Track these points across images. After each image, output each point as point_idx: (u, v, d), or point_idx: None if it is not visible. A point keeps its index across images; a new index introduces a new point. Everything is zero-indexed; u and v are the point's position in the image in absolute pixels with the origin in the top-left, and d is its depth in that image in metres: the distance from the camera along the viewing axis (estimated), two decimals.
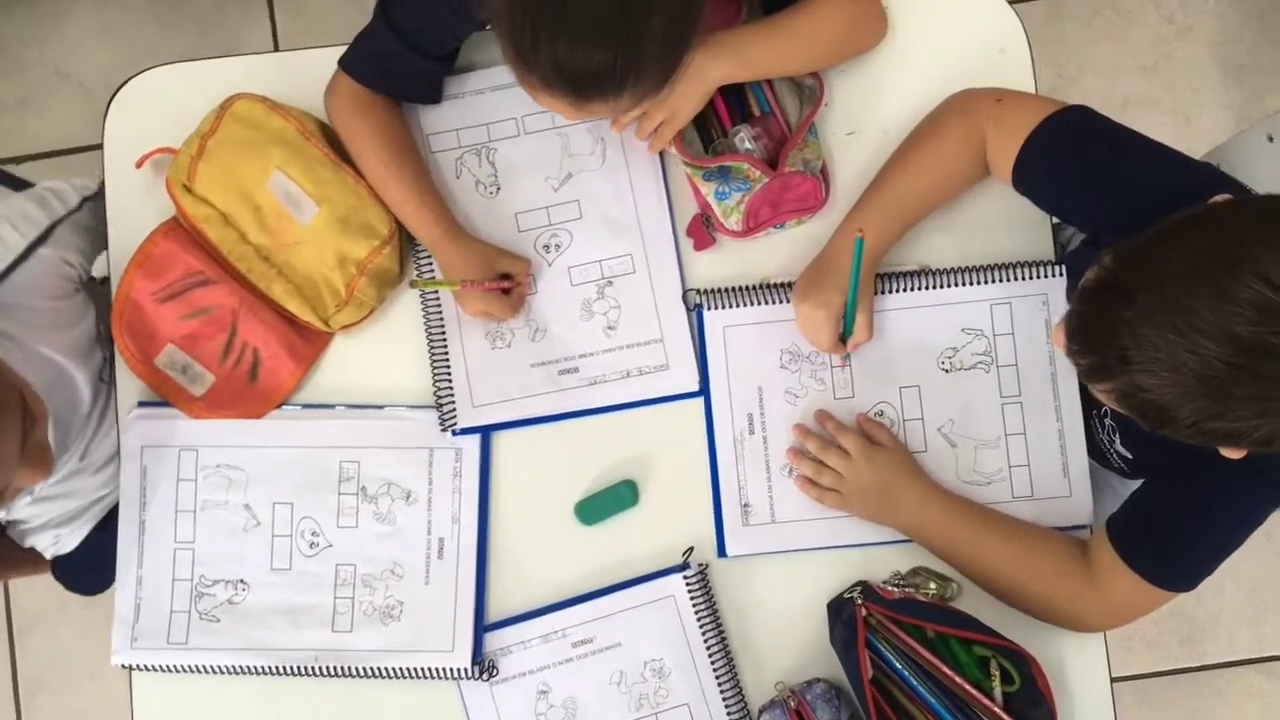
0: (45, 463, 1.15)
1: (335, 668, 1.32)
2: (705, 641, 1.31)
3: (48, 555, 1.61)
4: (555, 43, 1.03)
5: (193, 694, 1.36)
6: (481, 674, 1.31)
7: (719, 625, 1.32)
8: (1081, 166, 1.20)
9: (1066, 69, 2.36)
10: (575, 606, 1.33)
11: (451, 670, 1.32)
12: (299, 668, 1.32)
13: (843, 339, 1.31)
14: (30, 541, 1.57)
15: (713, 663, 1.31)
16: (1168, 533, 1.20)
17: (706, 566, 1.33)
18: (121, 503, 1.37)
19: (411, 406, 1.37)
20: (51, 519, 1.54)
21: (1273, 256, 0.88)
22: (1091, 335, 0.98)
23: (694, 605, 1.31)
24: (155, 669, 1.35)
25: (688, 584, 1.32)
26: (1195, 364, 0.90)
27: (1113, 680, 1.33)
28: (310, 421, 1.37)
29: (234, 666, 1.33)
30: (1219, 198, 0.98)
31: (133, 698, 1.36)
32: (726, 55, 1.27)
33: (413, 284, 1.32)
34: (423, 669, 1.32)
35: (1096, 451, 1.33)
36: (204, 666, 1.33)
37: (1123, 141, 1.20)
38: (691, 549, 1.33)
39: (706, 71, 1.27)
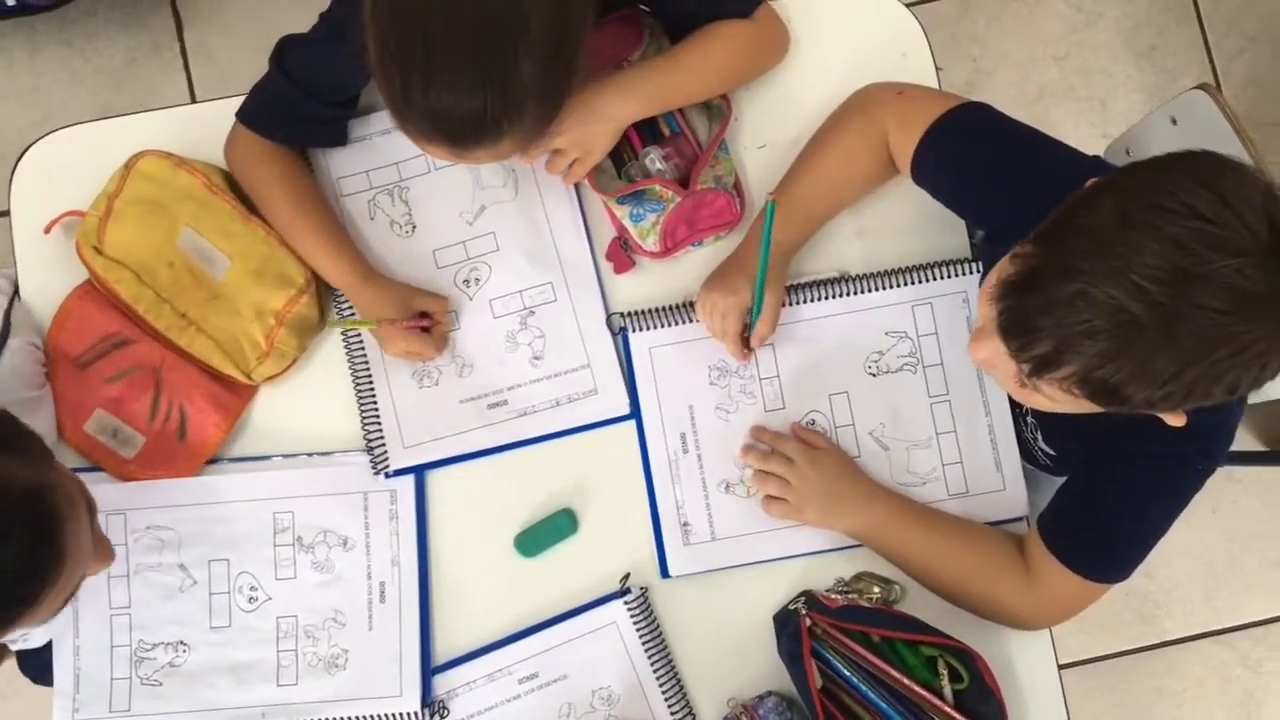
0: (109, 551, 1.14)
1: None
2: (652, 664, 1.31)
3: (13, 648, 1.57)
4: (426, 93, 1.05)
5: None
6: (432, 717, 1.30)
7: (664, 647, 1.32)
8: (976, 161, 1.22)
9: (981, 63, 2.39)
10: (518, 642, 1.32)
11: (401, 715, 1.30)
12: None
13: (746, 342, 1.31)
14: None
15: (661, 685, 1.31)
16: (1095, 526, 1.21)
17: (646, 590, 1.33)
18: None
19: (343, 452, 1.35)
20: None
21: (1191, 188, 0.89)
22: (1032, 325, 0.95)
23: (637, 629, 1.31)
24: None
25: (629, 609, 1.31)
26: (1143, 310, 0.89)
27: (1060, 667, 1.34)
28: (241, 474, 1.35)
29: None
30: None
31: None
32: (634, 94, 1.29)
33: (330, 323, 1.31)
34: (372, 716, 1.30)
35: (1024, 450, 1.34)
36: None
37: (1016, 136, 1.21)
38: (629, 574, 1.32)
39: (616, 111, 1.28)
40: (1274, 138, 2.33)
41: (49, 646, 1.50)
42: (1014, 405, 1.33)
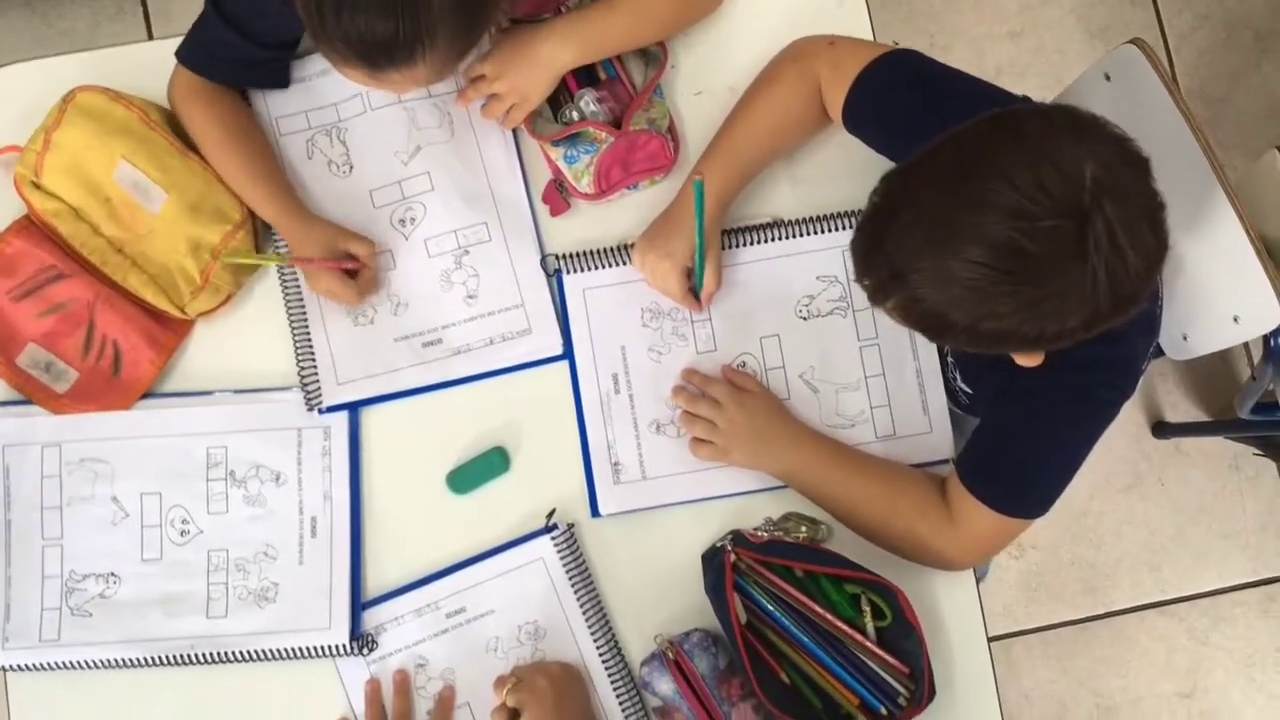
0: None
1: (212, 654, 1.31)
2: (579, 600, 1.32)
3: None
4: (339, 15, 1.07)
5: (69, 692, 1.34)
6: (361, 649, 1.31)
7: (590, 583, 1.33)
8: (906, 107, 1.23)
9: (938, 39, 2.41)
10: (446, 578, 1.33)
11: (330, 648, 1.31)
12: (175, 656, 1.31)
13: (695, 293, 1.33)
14: None
15: (588, 621, 1.32)
16: (1009, 462, 1.23)
17: (573, 526, 1.34)
18: None
19: (278, 389, 1.36)
20: None
21: (1013, 158, 0.93)
22: (867, 258, 1.02)
23: (564, 565, 1.32)
24: (29, 668, 1.32)
25: (555, 544, 1.32)
26: (958, 269, 0.94)
27: (1009, 636, 1.36)
28: (175, 409, 1.36)
29: (109, 660, 1.32)
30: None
31: (8, 699, 1.34)
32: (572, 40, 1.31)
33: (225, 255, 1.32)
34: (300, 648, 1.31)
35: (947, 391, 1.36)
36: (79, 662, 1.32)
37: (945, 81, 1.23)
38: (554, 510, 1.33)
39: (554, 57, 1.30)
40: (1223, 113, 2.37)
41: None
42: (939, 347, 1.35)
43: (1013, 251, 0.92)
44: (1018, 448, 1.21)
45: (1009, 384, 1.18)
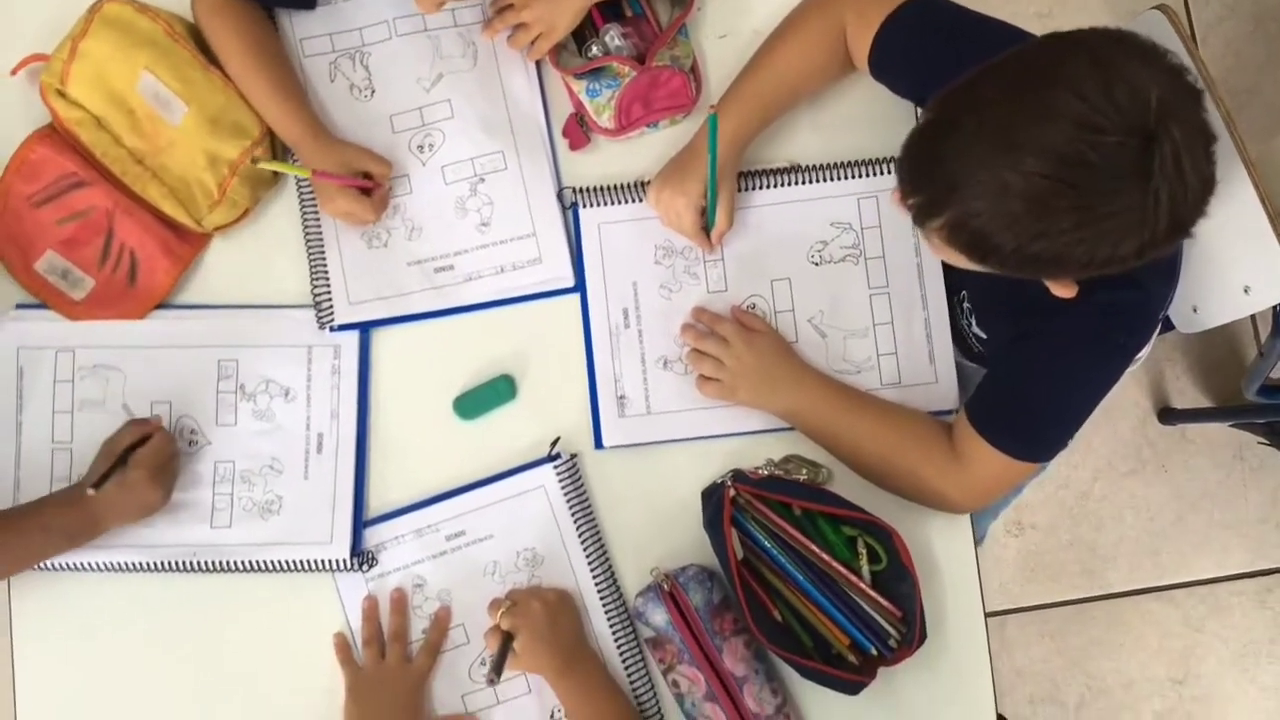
0: None
1: (214, 562, 1.32)
2: (578, 530, 1.32)
3: None
4: None
5: (71, 593, 1.35)
6: (361, 565, 1.32)
7: (590, 513, 1.34)
8: (933, 51, 1.23)
9: None
10: (447, 500, 1.34)
11: (331, 562, 1.32)
12: (177, 563, 1.32)
13: (707, 232, 1.33)
14: None
15: (585, 551, 1.32)
16: (1019, 405, 1.23)
17: (576, 456, 1.35)
18: None
19: (290, 306, 1.37)
20: None
21: (1082, 71, 0.92)
22: (920, 171, 1.02)
23: (564, 494, 1.33)
24: (37, 568, 1.33)
25: (557, 473, 1.33)
26: (1018, 181, 0.93)
27: (1005, 613, 1.36)
28: (188, 321, 1.37)
29: (113, 564, 1.33)
30: None
31: (10, 600, 1.35)
32: None
33: (258, 161, 1.32)
34: (301, 561, 1.32)
35: (959, 340, 1.36)
36: (83, 564, 1.33)
37: (971, 25, 1.23)
38: (558, 439, 1.34)
39: None
40: (1248, 105, 2.36)
41: None
42: (951, 293, 1.35)
43: (1078, 163, 0.91)
44: (1029, 391, 1.22)
45: (1027, 329, 1.18)
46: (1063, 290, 1.05)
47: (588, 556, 1.32)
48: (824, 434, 1.32)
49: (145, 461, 1.27)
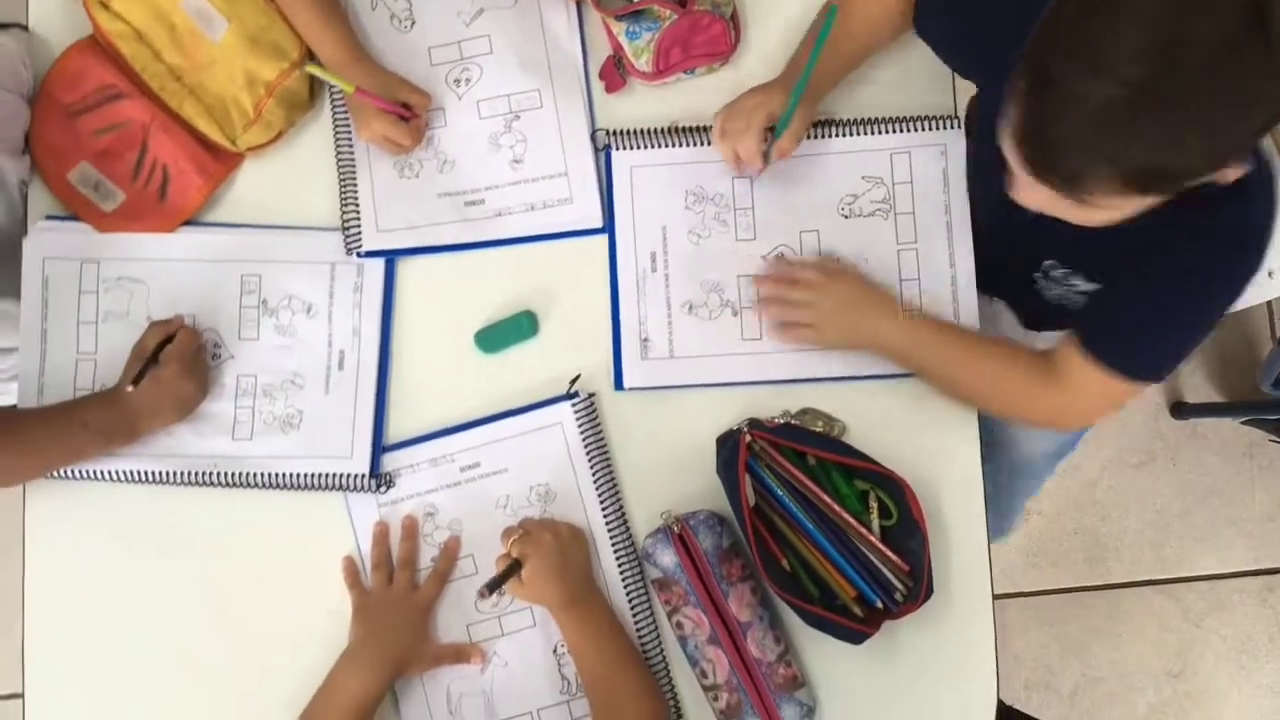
0: None
1: (234, 474, 1.33)
2: (591, 468, 1.33)
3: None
4: None
5: (85, 502, 1.36)
6: (379, 486, 1.33)
7: (605, 453, 1.34)
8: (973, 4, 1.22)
9: None
10: (464, 432, 1.34)
11: (349, 478, 1.33)
12: (199, 475, 1.33)
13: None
14: None
15: (598, 489, 1.33)
16: (1131, 323, 1.20)
17: (594, 395, 1.36)
18: (23, 313, 1.37)
19: (316, 228, 1.38)
20: (3, 371, 1.54)
21: None
22: (1042, 152, 0.97)
23: (581, 432, 1.33)
24: (55, 476, 1.35)
25: (575, 412, 1.34)
26: (1131, 93, 0.89)
27: (1005, 596, 1.37)
28: (213, 236, 1.38)
29: (133, 473, 1.33)
30: None
31: (24, 506, 1.36)
32: None
33: (309, 67, 1.33)
34: (320, 475, 1.33)
35: (1048, 312, 1.35)
36: (106, 473, 1.33)
37: None
38: (578, 377, 1.35)
39: None
40: None
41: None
42: (1032, 269, 1.33)
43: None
44: (1144, 311, 1.18)
45: (1135, 260, 1.15)
46: (1231, 173, 1.00)
47: (600, 495, 1.33)
48: (924, 363, 1.31)
49: (175, 355, 1.28)
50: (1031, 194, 1.03)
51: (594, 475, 1.33)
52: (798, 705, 1.27)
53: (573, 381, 1.35)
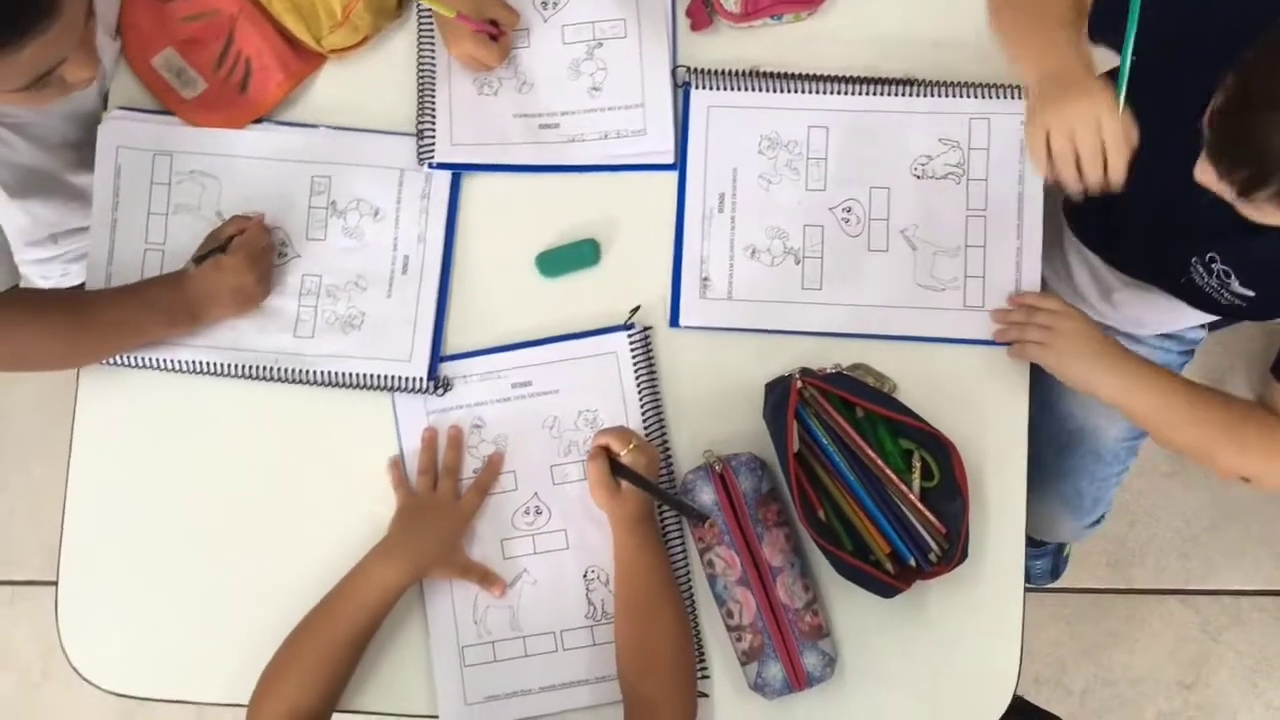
0: (93, 59, 1.12)
1: (293, 370, 1.35)
2: (640, 400, 1.34)
3: (48, 285, 1.62)
4: None
5: (136, 390, 1.38)
6: (436, 389, 1.34)
7: (655, 386, 1.35)
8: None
9: None
10: (519, 350, 1.35)
11: (407, 380, 1.34)
12: (259, 368, 1.35)
13: None
14: (39, 272, 1.58)
15: (644, 421, 1.34)
16: None
17: (651, 329, 1.36)
18: (95, 201, 1.39)
19: (388, 132, 1.39)
20: (71, 250, 1.56)
21: None
22: (1233, 151, 0.98)
23: (635, 364, 1.34)
24: (122, 364, 1.36)
25: (631, 343, 1.34)
26: None
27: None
28: (286, 135, 1.39)
29: (196, 364, 1.35)
30: None
31: (77, 389, 1.38)
32: None
33: None
34: (378, 376, 1.34)
35: (1203, 299, 1.33)
36: (168, 362, 1.35)
37: None
38: (638, 308, 1.35)
39: None
40: None
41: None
42: (1192, 255, 1.30)
43: None
44: None
45: None
46: None
47: (646, 427, 1.34)
48: (1143, 418, 1.30)
49: (242, 245, 1.30)
50: (1206, 174, 1.03)
51: (642, 407, 1.34)
52: (820, 654, 1.28)
53: (633, 312, 1.35)
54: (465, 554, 1.32)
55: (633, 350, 1.34)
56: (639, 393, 1.34)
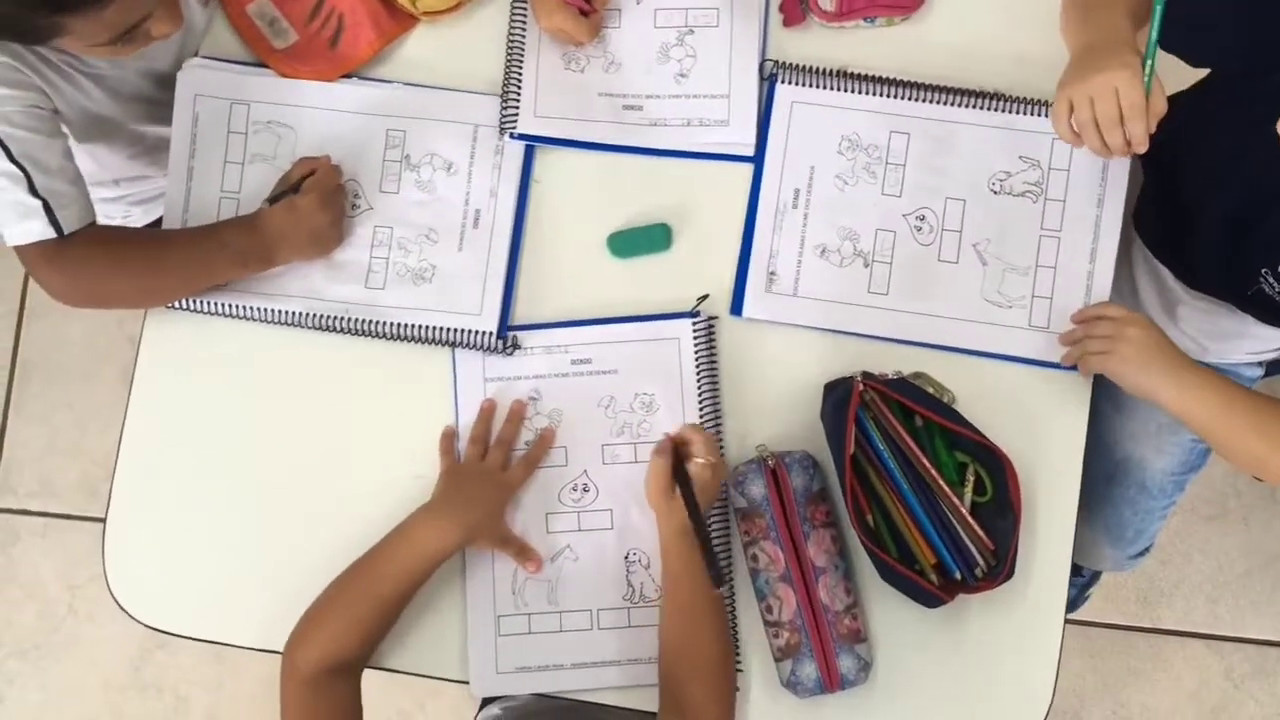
0: (176, 14, 1.17)
1: (364, 322, 1.35)
2: (699, 388, 1.34)
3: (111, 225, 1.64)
4: None
5: (199, 340, 1.39)
6: (505, 347, 1.35)
7: (714, 376, 1.35)
8: None
9: None
10: (582, 327, 1.36)
11: (477, 334, 1.35)
12: (328, 318, 1.36)
13: None
14: (102, 211, 1.59)
15: (700, 410, 1.34)
16: None
17: (716, 319, 1.36)
18: (172, 149, 1.40)
19: (465, 90, 1.40)
20: (131, 194, 1.58)
21: None
22: None
23: (696, 352, 1.34)
24: (186, 308, 1.38)
25: (695, 330, 1.34)
26: None
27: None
28: (364, 89, 1.40)
29: (268, 311, 1.36)
30: None
31: (143, 334, 1.40)
32: None
33: None
34: (449, 329, 1.35)
35: (1272, 312, 1.33)
36: (236, 308, 1.36)
37: None
38: (706, 296, 1.36)
39: None
40: None
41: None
42: (1261, 266, 1.28)
43: None
44: None
45: None
46: None
47: (702, 416, 1.34)
48: (1204, 429, 1.28)
49: (315, 185, 1.31)
50: None
51: (700, 396, 1.34)
52: (855, 658, 1.27)
53: (700, 300, 1.35)
54: (506, 526, 1.33)
55: (695, 339, 1.35)
56: (698, 381, 1.34)
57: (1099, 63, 1.14)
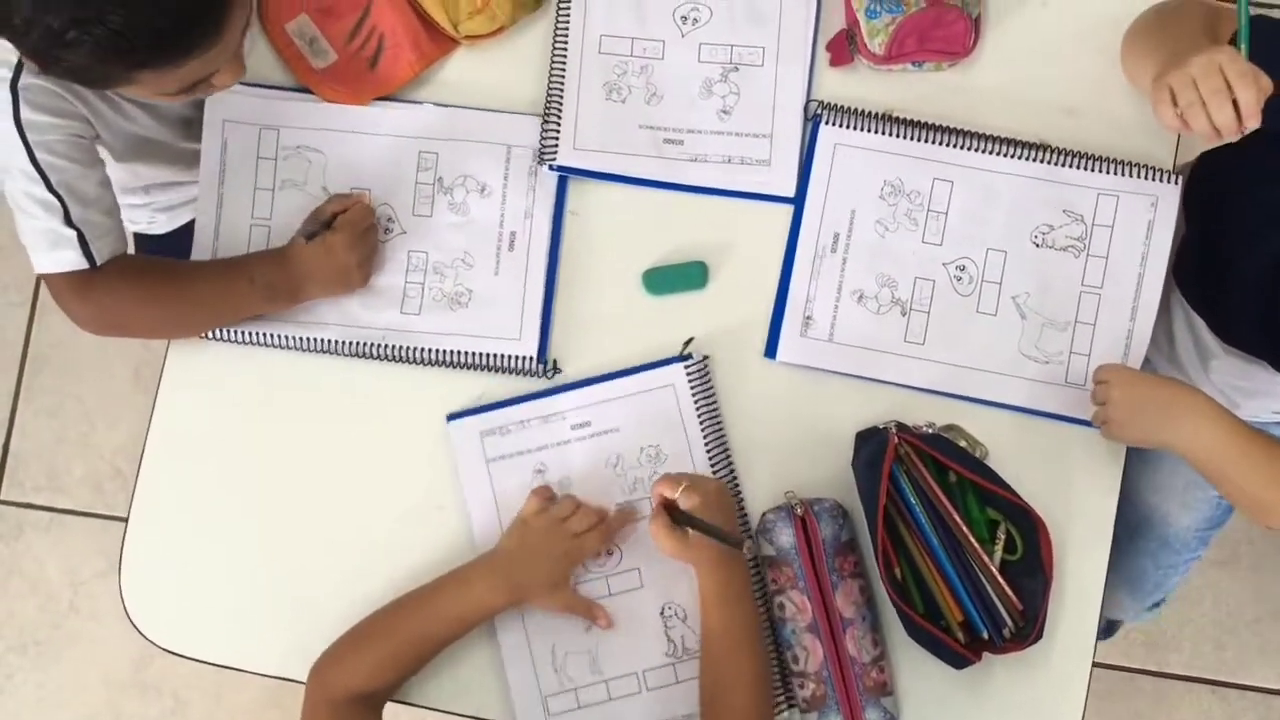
0: (240, 67, 1.19)
1: (401, 348, 1.34)
2: (703, 432, 1.32)
3: (133, 230, 1.62)
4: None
5: (227, 359, 1.37)
6: (547, 371, 1.33)
7: (716, 417, 1.33)
8: None
9: None
10: (574, 391, 1.33)
11: (517, 359, 1.33)
12: (367, 345, 1.34)
13: None
14: (128, 216, 1.58)
15: (709, 453, 1.32)
16: None
17: (708, 358, 1.34)
18: (201, 175, 1.38)
19: (498, 110, 1.38)
20: (159, 201, 1.56)
21: None
22: None
23: (693, 395, 1.32)
24: (223, 339, 1.36)
25: (688, 374, 1.33)
26: None
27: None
28: (393, 111, 1.38)
29: (303, 340, 1.34)
30: None
31: (167, 357, 1.38)
32: None
33: None
34: (488, 354, 1.34)
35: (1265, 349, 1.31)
36: (270, 337, 1.34)
37: None
38: (691, 339, 1.34)
39: None
40: None
41: (171, 238, 1.56)
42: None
43: None
44: None
45: None
46: None
47: (711, 461, 1.32)
48: (1218, 476, 1.25)
49: (348, 223, 1.30)
50: None
51: (705, 439, 1.32)
52: (881, 711, 1.26)
53: (686, 343, 1.34)
54: (571, 591, 1.30)
55: (690, 381, 1.33)
56: (700, 425, 1.32)
57: (1195, 52, 1.09)
